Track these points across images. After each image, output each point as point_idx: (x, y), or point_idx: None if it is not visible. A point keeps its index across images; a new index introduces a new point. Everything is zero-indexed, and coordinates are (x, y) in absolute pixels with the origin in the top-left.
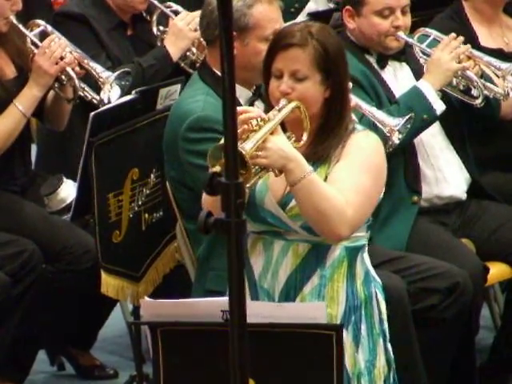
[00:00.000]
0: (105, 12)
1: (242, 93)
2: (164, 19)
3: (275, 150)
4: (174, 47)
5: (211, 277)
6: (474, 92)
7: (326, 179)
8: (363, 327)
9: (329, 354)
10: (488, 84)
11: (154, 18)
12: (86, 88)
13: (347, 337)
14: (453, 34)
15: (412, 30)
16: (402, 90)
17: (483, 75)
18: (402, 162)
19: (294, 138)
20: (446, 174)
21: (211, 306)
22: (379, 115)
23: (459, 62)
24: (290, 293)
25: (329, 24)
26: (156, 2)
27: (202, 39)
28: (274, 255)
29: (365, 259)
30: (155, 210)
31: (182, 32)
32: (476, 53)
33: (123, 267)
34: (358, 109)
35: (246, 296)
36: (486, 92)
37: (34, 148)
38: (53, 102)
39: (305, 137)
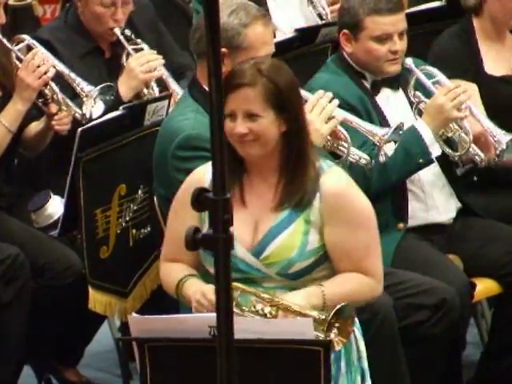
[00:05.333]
0: (82, 36)
1: None
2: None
3: None
4: (124, 86)
5: None
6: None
7: (308, 223)
8: (342, 364)
9: (316, 370)
10: (475, 147)
11: (125, 52)
12: (69, 103)
13: None
14: (457, 83)
15: (415, 43)
16: (393, 115)
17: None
18: (391, 189)
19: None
20: (437, 202)
21: (199, 322)
22: (368, 127)
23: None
24: None
25: (316, 40)
26: (122, 39)
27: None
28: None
29: None
30: (143, 226)
31: (133, 72)
32: (475, 111)
33: (111, 283)
34: (346, 122)
35: None
36: (470, 150)
37: None
38: (37, 134)
39: None
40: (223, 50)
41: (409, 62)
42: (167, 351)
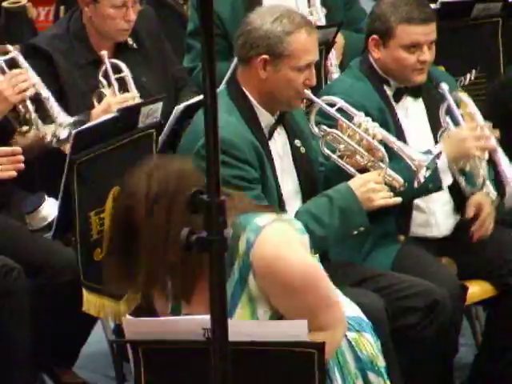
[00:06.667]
0: (83, 46)
1: (264, 118)
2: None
3: None
4: None
5: None
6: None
7: (252, 301)
8: (336, 376)
9: (311, 372)
10: (489, 185)
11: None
12: (39, 125)
13: None
14: (489, 124)
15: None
16: (411, 125)
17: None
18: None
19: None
20: (438, 218)
21: (193, 324)
22: (407, 150)
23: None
24: None
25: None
26: (109, 67)
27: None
28: None
29: None
30: None
31: (109, 110)
32: (499, 155)
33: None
34: (386, 142)
35: None
36: (485, 189)
37: None
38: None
39: None
40: (265, 56)
41: (444, 87)
42: (161, 353)
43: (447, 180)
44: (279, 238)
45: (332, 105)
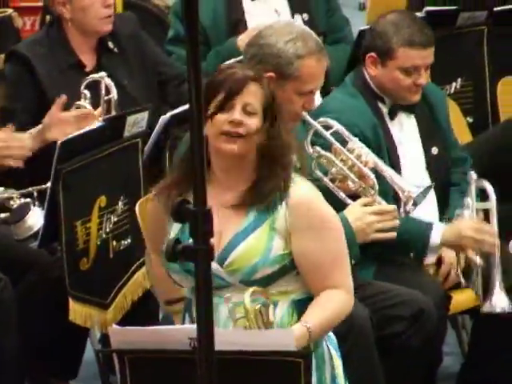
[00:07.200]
0: (64, 50)
1: None
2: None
3: None
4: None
5: None
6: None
7: (273, 230)
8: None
9: (297, 381)
10: (479, 286)
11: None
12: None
13: None
14: (495, 230)
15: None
16: (405, 141)
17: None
18: None
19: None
20: None
21: (179, 334)
22: (397, 180)
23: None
24: None
25: None
26: (102, 86)
27: None
28: (220, 319)
29: None
30: (123, 238)
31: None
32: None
33: (91, 295)
34: (377, 170)
35: None
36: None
37: None
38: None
39: None
40: (271, 74)
41: (473, 176)
42: (147, 363)
43: (430, 258)
44: (316, 191)
45: (328, 127)
